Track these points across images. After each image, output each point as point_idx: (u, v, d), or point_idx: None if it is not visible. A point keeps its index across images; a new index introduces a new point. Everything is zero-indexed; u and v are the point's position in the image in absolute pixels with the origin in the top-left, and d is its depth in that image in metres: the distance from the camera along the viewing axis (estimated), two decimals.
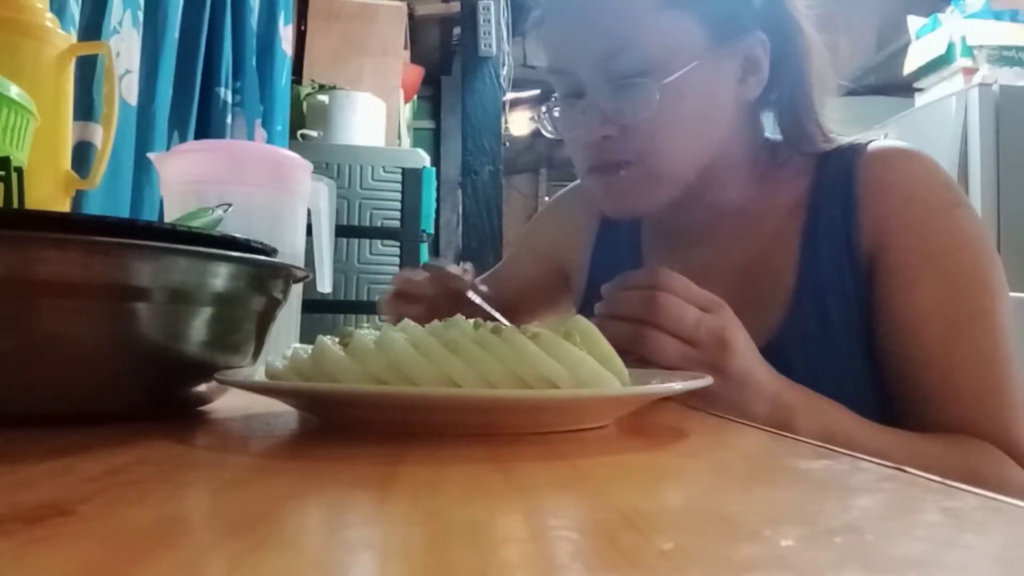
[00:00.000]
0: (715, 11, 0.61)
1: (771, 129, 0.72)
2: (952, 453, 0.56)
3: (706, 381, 0.38)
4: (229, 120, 1.57)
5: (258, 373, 0.40)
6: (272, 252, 0.44)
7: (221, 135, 1.53)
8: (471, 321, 0.39)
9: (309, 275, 0.48)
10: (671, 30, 0.61)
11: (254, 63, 1.70)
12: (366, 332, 0.37)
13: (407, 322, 0.39)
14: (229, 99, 1.57)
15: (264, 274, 0.41)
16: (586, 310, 0.80)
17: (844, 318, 0.62)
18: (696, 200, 0.67)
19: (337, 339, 0.37)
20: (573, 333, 0.36)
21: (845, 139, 0.69)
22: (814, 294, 0.63)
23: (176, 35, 1.33)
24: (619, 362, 0.37)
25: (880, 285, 0.61)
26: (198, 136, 1.44)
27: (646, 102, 0.60)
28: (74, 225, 0.35)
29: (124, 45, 1.17)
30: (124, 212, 1.16)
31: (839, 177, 0.65)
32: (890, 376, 0.62)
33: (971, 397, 0.58)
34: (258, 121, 1.70)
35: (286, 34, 1.85)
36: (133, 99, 1.20)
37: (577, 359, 0.34)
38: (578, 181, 0.88)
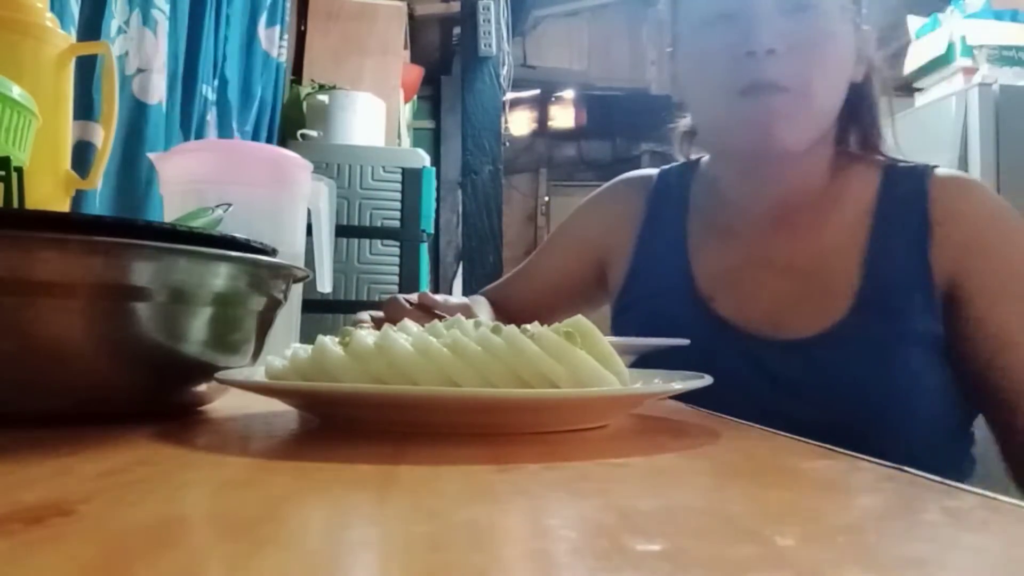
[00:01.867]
0: None
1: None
2: None
3: (706, 381, 0.38)
4: (210, 118, 1.57)
5: (258, 373, 0.40)
6: (272, 252, 0.44)
7: (202, 134, 1.52)
8: (471, 321, 0.39)
9: (309, 275, 0.48)
10: None
11: (236, 63, 1.69)
12: (366, 332, 0.37)
13: (407, 322, 0.39)
14: (211, 96, 1.56)
15: (264, 274, 0.41)
16: (624, 299, 0.82)
17: (915, 326, 0.66)
18: (794, 169, 0.71)
19: (337, 339, 0.37)
20: (573, 333, 0.36)
21: (902, 159, 0.75)
22: (880, 299, 0.67)
23: (184, 35, 1.33)
24: (619, 362, 0.37)
25: (966, 304, 0.66)
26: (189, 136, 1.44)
27: (817, 27, 0.65)
28: (73, 225, 0.35)
29: (133, 44, 1.17)
30: (145, 214, 1.16)
31: (910, 194, 0.70)
32: (977, 386, 0.66)
33: None
34: (235, 124, 1.69)
35: (270, 35, 1.85)
36: (150, 99, 1.19)
37: (577, 359, 0.34)
38: (623, 176, 0.91)
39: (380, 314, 0.70)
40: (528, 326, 0.37)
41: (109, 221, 0.34)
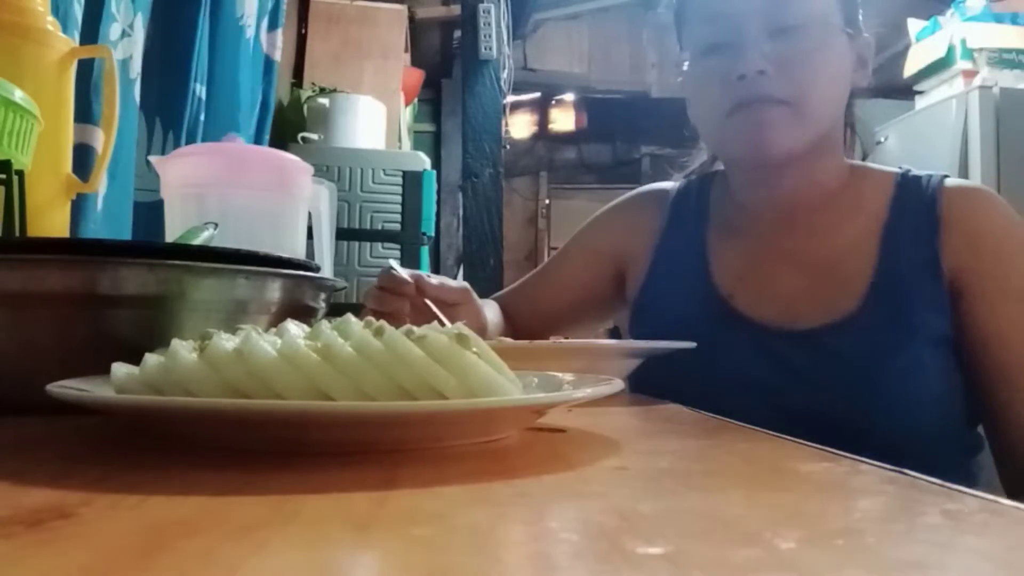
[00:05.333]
0: (847, 2, 0.73)
1: None
2: None
3: (617, 387, 0.36)
4: (203, 117, 1.55)
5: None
6: (315, 268, 0.45)
7: (194, 132, 1.51)
8: (364, 321, 0.34)
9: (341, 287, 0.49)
10: None
11: (237, 69, 1.68)
12: (227, 336, 0.32)
13: (289, 323, 0.35)
14: (203, 96, 1.55)
15: (263, 281, 0.42)
16: (642, 300, 0.84)
17: (925, 321, 0.69)
18: (800, 176, 0.75)
19: (194, 343, 0.32)
20: (466, 336, 0.32)
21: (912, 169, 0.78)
22: (892, 292, 0.70)
23: (171, 34, 1.33)
24: (508, 372, 0.34)
25: (970, 304, 0.68)
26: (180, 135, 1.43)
27: (805, 45, 0.70)
28: (135, 250, 0.36)
29: (136, 48, 1.17)
30: (145, 217, 1.16)
31: (922, 198, 0.73)
32: (978, 383, 0.69)
33: None
34: (234, 126, 1.68)
35: (271, 39, 1.84)
36: None
37: (467, 366, 0.30)
38: (644, 187, 0.94)
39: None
40: (416, 328, 0.32)
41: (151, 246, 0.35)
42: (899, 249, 0.71)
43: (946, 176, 0.75)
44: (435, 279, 0.71)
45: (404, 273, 0.69)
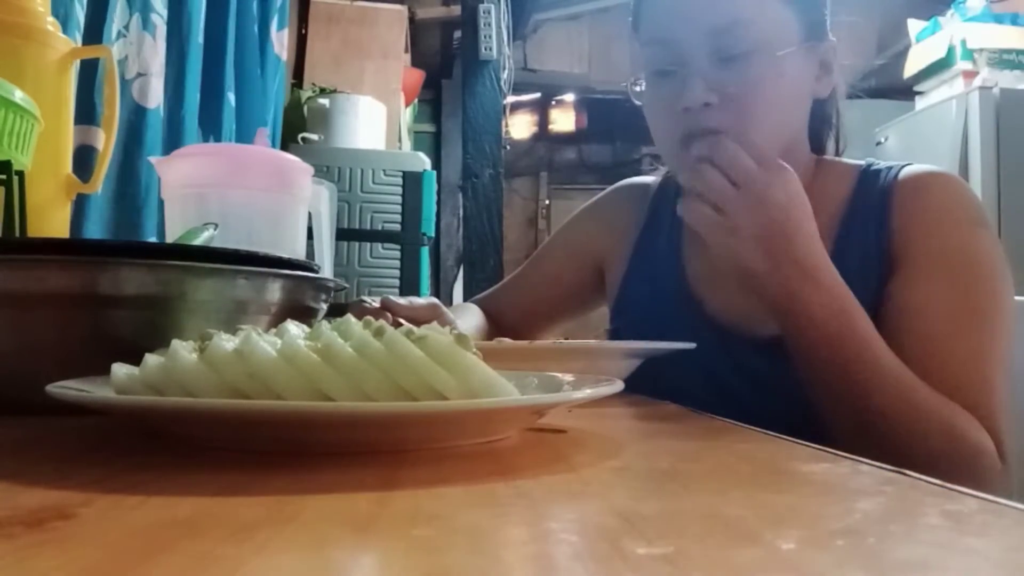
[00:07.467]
0: (807, 10, 0.70)
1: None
2: (941, 401, 0.59)
3: (617, 387, 0.36)
4: (235, 126, 1.58)
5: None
6: (281, 261, 0.45)
7: (230, 139, 1.54)
8: (362, 321, 0.34)
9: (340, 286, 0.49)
10: (777, 15, 0.68)
11: (256, 69, 1.70)
12: (227, 337, 0.32)
13: (288, 324, 0.35)
14: (233, 103, 1.58)
15: (263, 281, 0.42)
16: (621, 302, 0.84)
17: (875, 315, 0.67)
18: None
19: (194, 344, 0.32)
20: (466, 337, 0.32)
21: (884, 162, 0.75)
22: None
23: (200, 40, 1.34)
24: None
25: (894, 278, 0.67)
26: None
27: (752, 73, 0.66)
28: (139, 251, 0.35)
29: (132, 49, 1.17)
30: (143, 218, 1.16)
31: (878, 192, 0.71)
32: (897, 354, 0.65)
33: (959, 384, 0.61)
34: (263, 130, 1.71)
35: (280, 38, 1.86)
36: (150, 103, 1.20)
37: (467, 366, 0.30)
38: (623, 182, 0.93)
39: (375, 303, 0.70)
40: (416, 329, 0.32)
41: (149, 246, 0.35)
42: (851, 245, 0.70)
43: (907, 165, 0.73)
44: (403, 300, 0.70)
45: (373, 301, 0.69)
